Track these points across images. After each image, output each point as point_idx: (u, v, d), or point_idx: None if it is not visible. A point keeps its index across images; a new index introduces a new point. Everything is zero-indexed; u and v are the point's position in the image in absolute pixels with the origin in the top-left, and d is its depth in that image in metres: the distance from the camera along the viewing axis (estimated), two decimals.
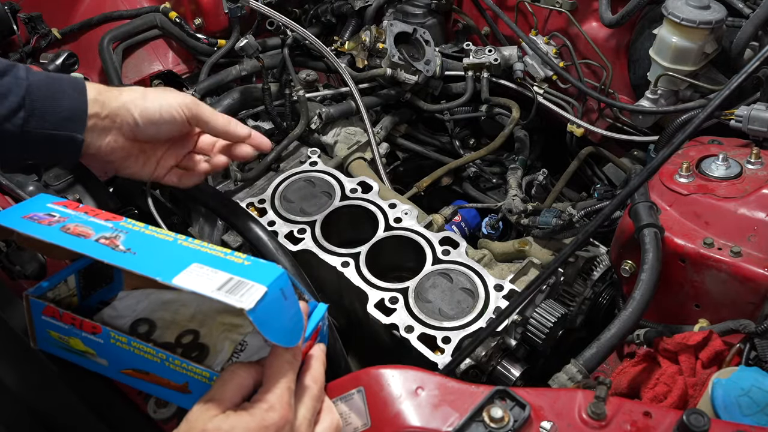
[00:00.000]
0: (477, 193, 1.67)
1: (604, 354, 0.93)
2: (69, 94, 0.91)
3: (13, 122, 0.87)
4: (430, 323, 1.06)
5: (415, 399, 0.78)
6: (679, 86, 1.45)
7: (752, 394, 0.81)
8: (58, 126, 0.90)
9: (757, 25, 1.32)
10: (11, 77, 0.87)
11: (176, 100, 0.97)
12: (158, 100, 0.96)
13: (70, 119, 0.90)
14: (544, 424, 0.74)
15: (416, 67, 1.61)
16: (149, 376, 0.81)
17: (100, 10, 1.77)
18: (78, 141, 0.91)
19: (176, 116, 0.97)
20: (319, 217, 1.23)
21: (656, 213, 1.09)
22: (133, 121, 0.95)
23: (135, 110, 0.95)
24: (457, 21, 1.90)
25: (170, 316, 0.91)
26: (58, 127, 0.90)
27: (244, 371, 0.72)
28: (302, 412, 0.73)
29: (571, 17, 1.67)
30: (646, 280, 0.99)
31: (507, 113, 1.67)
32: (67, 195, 1.36)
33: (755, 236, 1.03)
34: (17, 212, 0.83)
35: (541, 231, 1.34)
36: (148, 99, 0.96)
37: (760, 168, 1.12)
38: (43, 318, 0.84)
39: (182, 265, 0.73)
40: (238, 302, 0.67)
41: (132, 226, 0.81)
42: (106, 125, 0.94)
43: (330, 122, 1.56)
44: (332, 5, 1.85)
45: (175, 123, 0.98)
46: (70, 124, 0.90)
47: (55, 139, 0.90)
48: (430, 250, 1.17)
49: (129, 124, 0.95)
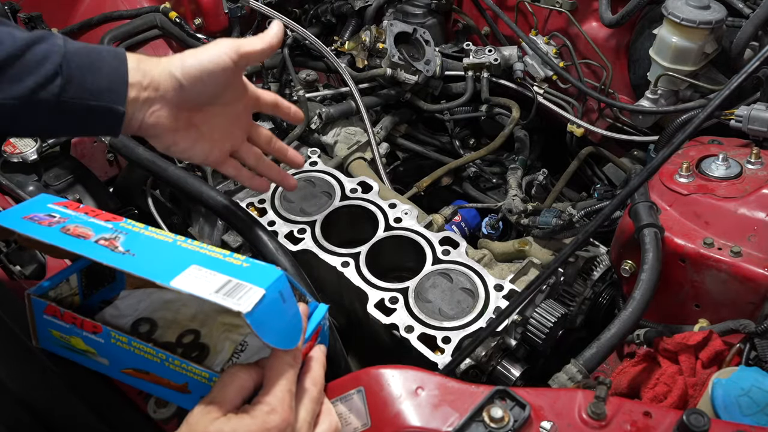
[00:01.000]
0: (477, 193, 1.67)
1: (604, 354, 0.93)
2: (108, 62, 0.85)
3: (50, 90, 0.81)
4: (430, 323, 1.06)
5: (415, 399, 0.78)
6: (679, 86, 1.45)
7: (752, 394, 0.81)
8: (97, 96, 0.84)
9: (757, 25, 1.32)
10: (48, 44, 0.82)
11: (216, 47, 0.92)
12: (197, 53, 0.91)
13: (109, 89, 0.84)
14: (544, 424, 0.74)
15: (416, 67, 1.61)
16: (149, 375, 0.81)
17: (100, 10, 1.77)
18: (119, 113, 0.85)
19: (219, 61, 0.90)
20: (319, 217, 1.23)
21: (656, 213, 1.09)
22: (177, 82, 0.89)
23: (176, 70, 0.89)
24: (457, 21, 1.90)
25: (171, 316, 0.91)
26: (97, 97, 0.84)
27: (244, 373, 0.72)
28: (302, 415, 0.73)
29: (571, 17, 1.67)
30: (646, 280, 0.99)
31: (507, 113, 1.67)
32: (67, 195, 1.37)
33: (755, 236, 1.03)
34: (18, 213, 0.83)
35: (541, 231, 1.34)
36: (187, 55, 0.91)
37: (760, 168, 1.12)
38: (44, 317, 0.85)
39: (181, 267, 0.73)
40: (236, 305, 0.67)
41: (132, 227, 0.81)
42: (149, 95, 0.88)
43: (330, 122, 1.56)
44: (332, 5, 1.85)
45: (220, 70, 0.91)
46: (109, 95, 0.84)
47: (94, 110, 0.84)
48: (430, 250, 1.17)
49: (173, 88, 0.89)
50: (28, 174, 1.37)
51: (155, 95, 0.88)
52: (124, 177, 1.62)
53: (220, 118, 0.98)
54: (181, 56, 0.90)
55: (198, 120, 0.95)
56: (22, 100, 0.80)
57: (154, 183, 1.49)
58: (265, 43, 0.95)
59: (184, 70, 0.89)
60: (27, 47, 0.80)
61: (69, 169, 1.42)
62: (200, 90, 0.91)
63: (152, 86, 0.88)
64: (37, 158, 1.37)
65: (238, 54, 0.92)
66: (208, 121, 0.96)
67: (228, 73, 0.92)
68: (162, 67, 0.89)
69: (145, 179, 1.50)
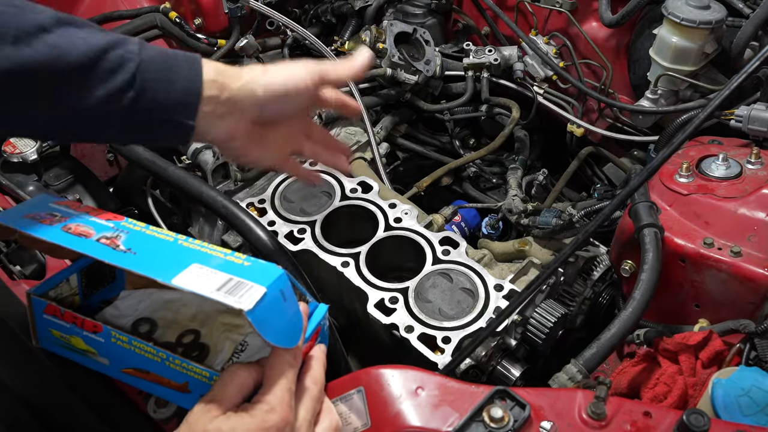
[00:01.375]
0: (477, 193, 1.67)
1: (604, 354, 0.93)
2: (184, 74, 0.80)
3: (121, 102, 0.76)
4: (430, 323, 1.06)
5: (415, 399, 0.78)
6: (679, 86, 1.45)
7: (752, 394, 0.81)
8: (168, 110, 0.79)
9: (757, 25, 1.32)
10: (122, 50, 0.76)
11: (298, 67, 0.89)
12: (281, 71, 0.88)
13: (182, 103, 0.80)
14: (544, 424, 0.74)
15: (416, 67, 1.61)
16: (150, 375, 0.81)
17: (100, 10, 1.76)
18: (187, 127, 0.81)
19: (302, 84, 0.88)
20: (319, 217, 1.23)
21: (656, 213, 1.09)
22: (257, 100, 0.85)
23: (258, 88, 0.85)
24: (457, 21, 1.90)
25: (172, 316, 0.91)
26: (168, 112, 0.79)
27: (244, 372, 0.72)
28: (302, 414, 0.72)
29: (571, 17, 1.67)
30: (646, 280, 0.99)
31: (507, 113, 1.67)
32: (67, 195, 1.37)
33: (755, 236, 1.03)
34: (19, 211, 0.83)
35: (541, 231, 1.34)
36: (270, 73, 0.87)
37: (760, 168, 1.12)
38: (44, 317, 0.84)
39: (182, 265, 0.73)
40: (237, 303, 0.67)
41: (133, 226, 0.82)
42: (226, 110, 0.84)
43: (330, 122, 1.56)
44: (332, 5, 1.85)
45: (302, 90, 0.89)
46: (180, 109, 0.80)
47: (163, 123, 0.80)
48: (430, 250, 1.17)
49: (253, 106, 0.86)
50: (28, 174, 1.37)
51: (233, 110, 0.84)
52: (124, 177, 1.62)
53: (287, 127, 0.96)
54: (264, 73, 0.87)
55: (268, 132, 0.93)
56: (90, 112, 0.76)
57: (154, 183, 1.48)
58: (350, 72, 0.93)
59: (267, 90, 0.86)
60: (101, 54, 0.75)
61: (69, 169, 1.42)
62: (279, 110, 0.89)
63: (231, 102, 0.84)
64: (37, 158, 1.37)
65: (321, 79, 0.90)
66: (277, 131, 0.94)
67: (308, 96, 0.90)
68: (243, 81, 0.85)
69: (145, 179, 1.50)
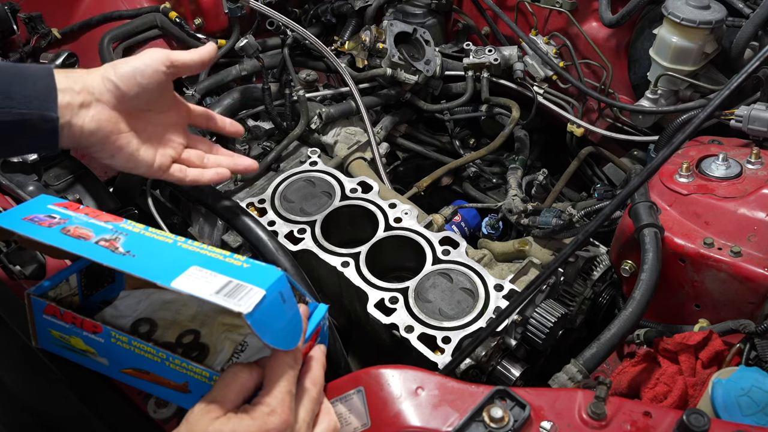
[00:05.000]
0: (477, 193, 1.67)
1: (604, 354, 0.93)
2: (36, 75, 0.87)
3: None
4: (430, 323, 1.06)
5: (415, 399, 0.78)
6: (679, 86, 1.45)
7: (752, 394, 0.81)
8: (27, 104, 0.84)
9: (757, 25, 1.32)
10: None
11: (147, 54, 0.96)
12: (129, 59, 0.96)
13: (38, 98, 0.86)
14: (544, 424, 0.74)
15: (416, 67, 1.61)
16: (149, 375, 0.81)
17: (100, 10, 1.76)
18: (51, 119, 0.87)
19: (151, 63, 0.95)
20: (319, 217, 1.23)
21: (656, 213, 1.09)
22: (112, 84, 0.92)
23: (111, 74, 0.93)
24: (457, 21, 1.90)
25: (171, 316, 0.91)
26: (26, 105, 0.84)
27: (245, 373, 0.72)
28: (301, 415, 0.73)
29: (571, 17, 1.67)
30: (646, 280, 1.00)
31: (507, 113, 1.68)
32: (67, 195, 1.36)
33: (755, 236, 1.03)
34: (18, 213, 0.83)
35: (541, 231, 1.34)
36: (121, 61, 0.96)
37: (760, 168, 1.12)
38: (44, 317, 0.84)
39: (181, 267, 0.73)
40: (236, 306, 0.67)
41: (132, 227, 0.81)
42: (85, 99, 0.90)
43: (330, 122, 1.56)
44: (332, 5, 1.86)
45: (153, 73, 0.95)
46: (39, 102, 0.86)
47: (26, 120, 0.85)
48: (430, 250, 1.17)
49: (109, 90, 0.92)
50: (28, 174, 1.37)
51: (91, 98, 0.91)
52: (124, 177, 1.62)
53: (157, 126, 1.02)
54: (113, 63, 0.95)
55: (137, 126, 0.98)
56: None
57: (154, 183, 1.48)
58: (196, 58, 1.00)
59: (117, 72, 0.93)
60: None
61: (69, 169, 1.42)
62: (136, 91, 0.95)
63: (86, 90, 0.91)
64: (37, 158, 1.36)
65: (170, 61, 0.97)
66: (147, 128, 1.00)
67: (160, 77, 0.96)
68: (95, 73, 0.93)
69: (145, 179, 1.50)
